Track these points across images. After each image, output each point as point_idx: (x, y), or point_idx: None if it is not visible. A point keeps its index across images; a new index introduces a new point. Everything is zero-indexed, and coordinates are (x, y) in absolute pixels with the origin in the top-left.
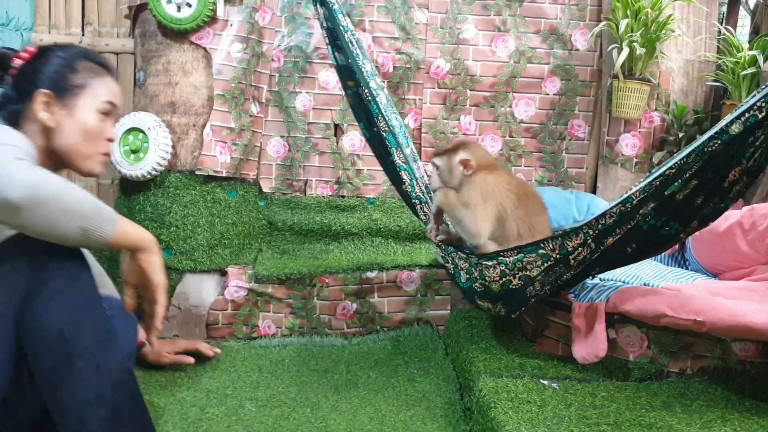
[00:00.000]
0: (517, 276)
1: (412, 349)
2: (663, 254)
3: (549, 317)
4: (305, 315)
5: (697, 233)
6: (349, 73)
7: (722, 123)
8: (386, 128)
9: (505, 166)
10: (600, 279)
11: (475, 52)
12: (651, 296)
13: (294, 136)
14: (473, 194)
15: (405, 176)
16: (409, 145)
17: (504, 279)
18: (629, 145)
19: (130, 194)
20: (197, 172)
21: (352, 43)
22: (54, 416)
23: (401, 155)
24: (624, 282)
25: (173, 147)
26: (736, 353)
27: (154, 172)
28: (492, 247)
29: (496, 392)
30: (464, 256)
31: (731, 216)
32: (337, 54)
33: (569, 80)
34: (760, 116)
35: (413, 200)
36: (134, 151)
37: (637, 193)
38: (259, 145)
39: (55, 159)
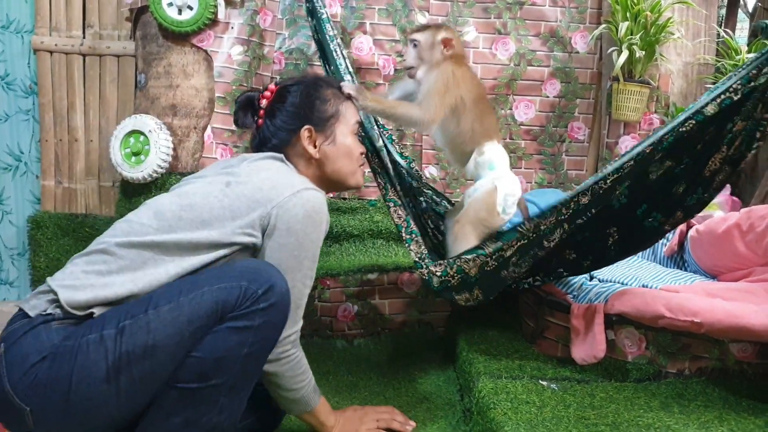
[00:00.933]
0: (493, 257)
1: (413, 351)
2: (663, 256)
3: (548, 318)
4: (306, 317)
5: (695, 235)
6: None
7: (697, 104)
8: (371, 148)
9: None
10: (599, 280)
11: (476, 54)
12: (649, 297)
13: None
14: (438, 80)
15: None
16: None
17: (482, 266)
18: (629, 147)
19: (131, 197)
20: None
21: (336, 52)
22: None
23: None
24: (622, 283)
25: (174, 149)
26: (734, 354)
27: (155, 175)
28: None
29: (495, 393)
30: (441, 261)
31: (729, 218)
32: (327, 66)
33: (569, 83)
34: (735, 98)
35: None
36: (135, 154)
37: (612, 172)
38: None
39: (326, 184)
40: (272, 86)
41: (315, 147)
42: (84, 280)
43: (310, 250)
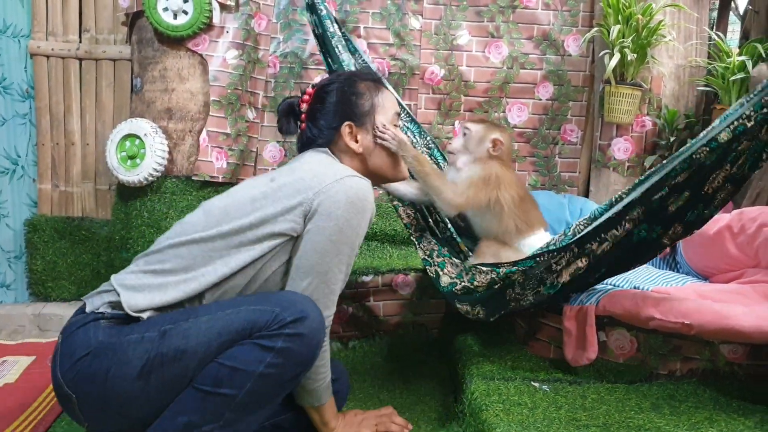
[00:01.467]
0: (503, 279)
1: (407, 353)
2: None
3: (541, 320)
4: None
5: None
6: None
7: (711, 131)
8: None
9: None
10: None
11: (469, 57)
12: (640, 299)
13: (290, 141)
14: (481, 174)
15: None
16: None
17: (491, 284)
18: (621, 149)
19: (127, 200)
20: (194, 178)
21: (338, 48)
22: None
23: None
24: (614, 285)
25: (170, 153)
26: (725, 355)
27: (150, 178)
28: (487, 252)
29: (488, 395)
30: (458, 262)
31: (721, 219)
32: (329, 60)
33: (562, 85)
34: (749, 125)
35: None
36: (131, 157)
37: (625, 200)
38: (255, 150)
39: (372, 177)
40: (309, 89)
41: (357, 142)
42: (143, 280)
43: (350, 236)
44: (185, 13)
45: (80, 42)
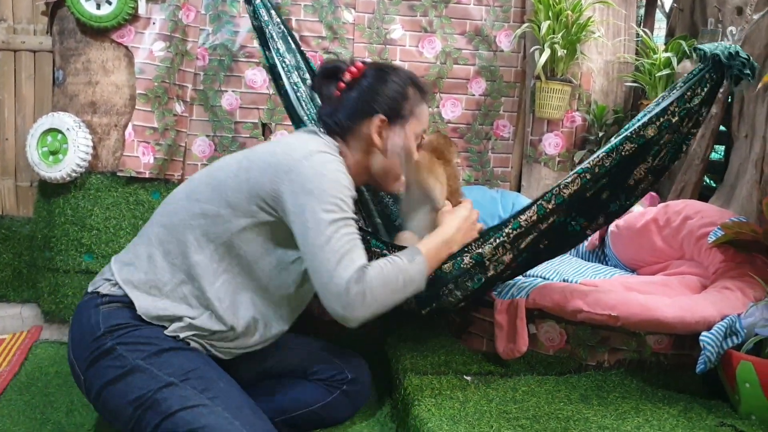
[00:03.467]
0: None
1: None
2: (584, 250)
3: (474, 314)
4: None
5: (615, 230)
6: (273, 70)
7: (634, 125)
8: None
9: None
10: (522, 276)
11: (403, 52)
12: (568, 292)
13: (220, 135)
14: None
15: None
16: None
17: None
18: (552, 144)
19: (49, 197)
20: (119, 174)
21: (272, 37)
22: None
23: None
24: (544, 278)
25: (94, 148)
26: (651, 346)
27: (74, 174)
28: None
29: (420, 389)
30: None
31: (647, 213)
32: (266, 52)
33: (494, 81)
34: (673, 120)
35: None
36: (53, 153)
37: (553, 199)
38: (184, 145)
39: (367, 176)
40: (359, 63)
41: (381, 138)
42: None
43: (331, 202)
44: (109, 3)
45: None
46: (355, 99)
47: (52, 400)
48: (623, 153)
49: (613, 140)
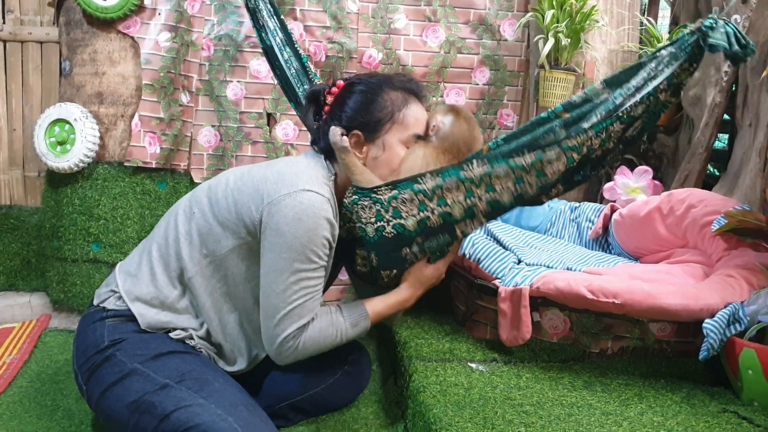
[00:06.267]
0: (391, 223)
1: None
2: (588, 239)
3: (478, 302)
4: None
5: (619, 218)
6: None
7: (627, 105)
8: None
9: None
10: (526, 264)
11: (407, 41)
12: (572, 280)
13: (226, 125)
14: None
15: None
16: None
17: (378, 223)
18: None
19: (57, 187)
20: (126, 164)
21: (265, 16)
22: None
23: None
24: (548, 266)
25: (101, 138)
26: (654, 333)
27: (81, 164)
28: None
29: (425, 376)
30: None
31: (651, 201)
32: (262, 34)
33: (498, 70)
34: (661, 97)
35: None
36: (60, 143)
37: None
38: (189, 135)
39: None
40: (340, 82)
41: (361, 153)
42: (145, 280)
43: (300, 252)
44: None
45: (3, 23)
46: (332, 119)
47: (62, 387)
48: (612, 134)
49: (598, 115)
